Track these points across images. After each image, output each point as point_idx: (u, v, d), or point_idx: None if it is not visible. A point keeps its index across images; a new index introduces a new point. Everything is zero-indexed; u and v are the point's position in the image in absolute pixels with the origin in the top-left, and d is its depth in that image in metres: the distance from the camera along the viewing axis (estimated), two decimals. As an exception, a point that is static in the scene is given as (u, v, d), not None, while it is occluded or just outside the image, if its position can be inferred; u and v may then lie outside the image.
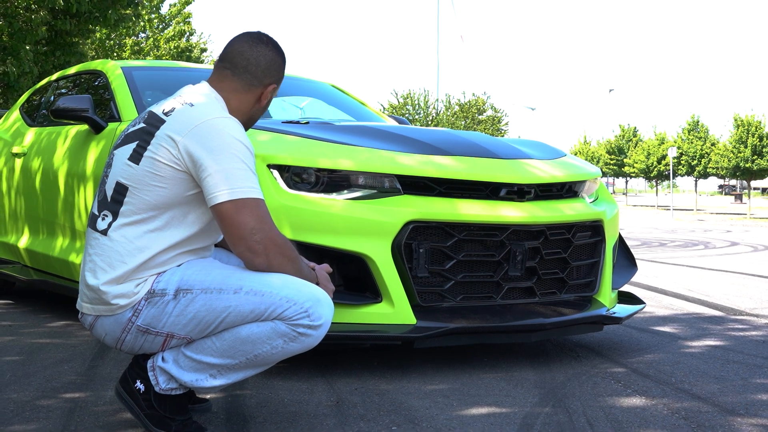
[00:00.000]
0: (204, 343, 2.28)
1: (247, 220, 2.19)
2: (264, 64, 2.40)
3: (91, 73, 4.82)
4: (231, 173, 2.18)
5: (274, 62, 2.42)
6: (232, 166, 2.19)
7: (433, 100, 43.13)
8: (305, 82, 5.27)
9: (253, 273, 2.25)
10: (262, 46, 2.41)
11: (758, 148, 35.65)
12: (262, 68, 2.39)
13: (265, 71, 2.40)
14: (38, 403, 2.79)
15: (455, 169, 3.33)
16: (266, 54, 2.41)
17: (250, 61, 2.39)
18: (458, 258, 3.25)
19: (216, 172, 2.18)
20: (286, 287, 2.23)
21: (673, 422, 2.65)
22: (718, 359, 3.63)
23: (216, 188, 2.18)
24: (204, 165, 2.19)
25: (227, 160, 2.19)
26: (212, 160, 2.18)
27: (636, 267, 4.10)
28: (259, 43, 2.42)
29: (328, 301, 2.28)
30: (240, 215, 2.18)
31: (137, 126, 2.34)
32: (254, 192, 2.21)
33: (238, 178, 2.19)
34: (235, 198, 2.18)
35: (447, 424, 2.61)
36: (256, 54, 2.39)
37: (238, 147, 2.22)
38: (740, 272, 7.91)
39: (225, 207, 2.19)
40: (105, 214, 2.30)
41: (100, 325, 2.32)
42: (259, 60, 2.39)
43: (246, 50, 2.40)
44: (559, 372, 3.34)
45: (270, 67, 2.41)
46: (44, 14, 11.78)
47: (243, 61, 2.39)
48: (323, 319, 2.26)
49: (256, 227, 2.19)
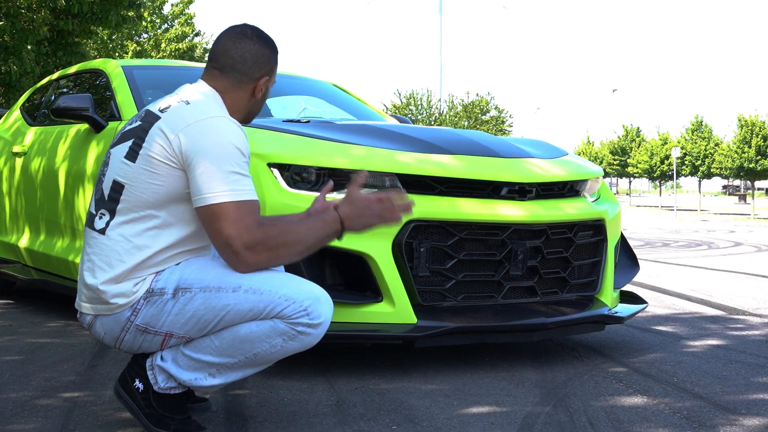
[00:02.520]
0: (203, 342, 2.27)
1: (224, 227, 2.15)
2: (250, 59, 2.37)
3: (91, 72, 4.82)
4: (215, 176, 2.16)
5: (260, 55, 2.39)
6: (218, 168, 2.16)
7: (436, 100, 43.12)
8: (306, 81, 5.27)
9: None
10: (246, 40, 2.38)
11: (762, 149, 35.59)
12: (249, 64, 2.37)
13: (252, 66, 2.38)
14: (37, 403, 2.79)
15: (456, 167, 3.32)
16: (251, 48, 2.38)
17: (236, 59, 2.36)
18: (459, 257, 3.23)
19: (201, 174, 2.16)
20: (285, 285, 2.23)
21: (674, 422, 2.64)
22: (720, 359, 3.61)
23: (199, 191, 2.17)
24: (192, 165, 2.17)
25: (214, 161, 2.16)
26: (200, 160, 2.17)
27: (638, 266, 4.09)
28: (243, 38, 2.39)
29: (327, 299, 2.27)
30: (218, 221, 2.15)
31: (134, 124, 2.33)
32: (236, 194, 2.16)
33: (222, 181, 2.16)
34: (215, 202, 2.15)
35: (447, 423, 2.60)
36: (241, 50, 2.37)
37: (229, 148, 2.19)
38: (743, 272, 7.89)
39: (205, 210, 2.17)
40: (102, 213, 2.29)
41: (99, 324, 2.31)
42: (245, 56, 2.37)
43: (230, 48, 2.37)
44: (561, 371, 3.33)
45: (257, 60, 2.38)
46: (46, 14, 11.79)
47: (229, 59, 2.36)
48: (323, 318, 2.24)
49: (231, 231, 2.15)
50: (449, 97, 43.58)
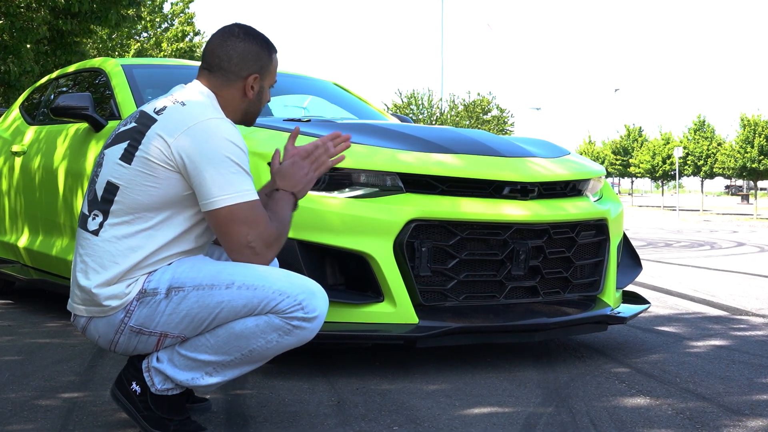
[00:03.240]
0: (198, 341, 2.26)
1: (240, 227, 2.20)
2: (236, 57, 2.37)
3: (91, 71, 4.81)
4: (223, 178, 2.18)
5: (247, 52, 2.38)
6: (225, 171, 2.18)
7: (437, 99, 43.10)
8: (307, 81, 5.26)
9: (245, 267, 2.24)
10: (233, 39, 2.39)
11: (765, 149, 35.57)
12: (235, 62, 2.37)
13: (239, 64, 2.37)
14: (37, 403, 2.78)
15: (458, 167, 3.30)
16: (237, 46, 2.38)
17: (222, 57, 2.37)
18: (461, 257, 3.22)
19: (209, 178, 2.17)
20: (278, 280, 2.22)
21: (677, 422, 2.62)
22: (723, 359, 3.60)
23: (209, 195, 2.18)
24: (197, 170, 2.18)
25: (220, 164, 2.18)
26: (205, 165, 2.17)
27: (641, 267, 4.07)
28: (229, 36, 2.39)
29: (322, 293, 2.27)
30: (234, 222, 2.19)
31: (128, 126, 2.32)
32: (247, 195, 2.20)
33: (230, 183, 2.18)
34: (228, 204, 2.18)
35: (449, 424, 2.58)
36: (226, 49, 2.37)
37: (231, 149, 2.20)
38: (746, 272, 7.87)
39: (219, 213, 2.19)
40: (95, 214, 2.28)
41: (93, 327, 2.30)
42: (230, 54, 2.37)
43: (216, 47, 2.39)
44: (563, 372, 3.31)
45: (244, 58, 2.38)
46: (45, 13, 11.78)
47: (215, 59, 2.38)
48: (318, 312, 2.24)
49: (250, 232, 2.21)
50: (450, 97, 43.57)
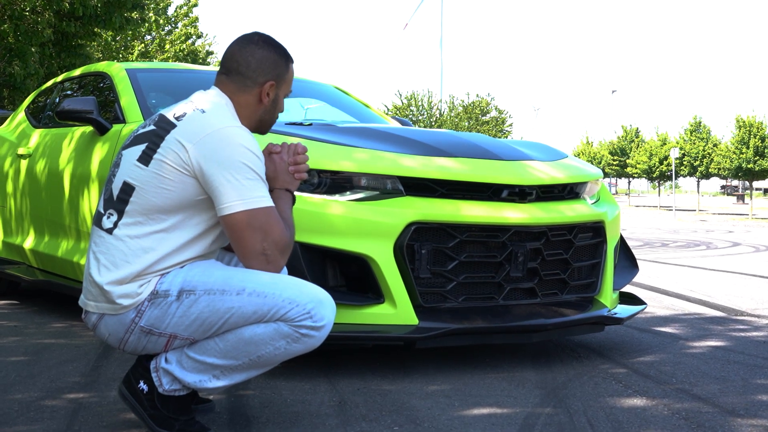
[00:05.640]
0: (207, 344, 2.29)
1: (255, 233, 2.23)
2: (254, 63, 2.41)
3: (96, 74, 4.84)
4: (239, 184, 2.22)
5: (266, 59, 2.43)
6: (241, 176, 2.22)
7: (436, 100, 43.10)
8: (308, 84, 5.28)
9: (255, 273, 2.27)
10: (252, 45, 2.43)
11: (760, 149, 35.60)
12: (252, 67, 2.41)
13: (256, 70, 2.41)
14: (42, 404, 2.81)
15: (457, 170, 3.34)
16: (255, 53, 2.42)
17: (240, 62, 2.41)
18: (460, 259, 3.26)
19: (225, 183, 2.21)
20: (288, 288, 2.25)
21: (673, 423, 2.66)
22: (719, 360, 3.64)
23: (226, 200, 2.22)
24: (214, 175, 2.22)
25: (237, 171, 2.22)
26: (222, 170, 2.21)
27: (637, 268, 4.11)
28: (249, 43, 2.44)
29: (330, 302, 2.30)
30: (250, 227, 2.23)
31: (147, 128, 2.36)
32: (263, 201, 2.25)
33: (246, 188, 2.22)
34: (244, 209, 2.22)
35: (449, 424, 2.62)
36: (245, 54, 2.42)
37: (248, 156, 2.24)
38: (742, 273, 7.91)
39: (235, 218, 2.22)
40: (110, 213, 2.32)
41: (103, 324, 2.33)
42: (249, 60, 2.41)
43: (236, 53, 2.43)
44: (561, 372, 3.35)
45: (262, 64, 2.42)
46: (50, 16, 11.81)
47: (234, 63, 2.42)
48: (326, 320, 2.27)
49: (265, 238, 2.24)
50: (450, 98, 43.56)
